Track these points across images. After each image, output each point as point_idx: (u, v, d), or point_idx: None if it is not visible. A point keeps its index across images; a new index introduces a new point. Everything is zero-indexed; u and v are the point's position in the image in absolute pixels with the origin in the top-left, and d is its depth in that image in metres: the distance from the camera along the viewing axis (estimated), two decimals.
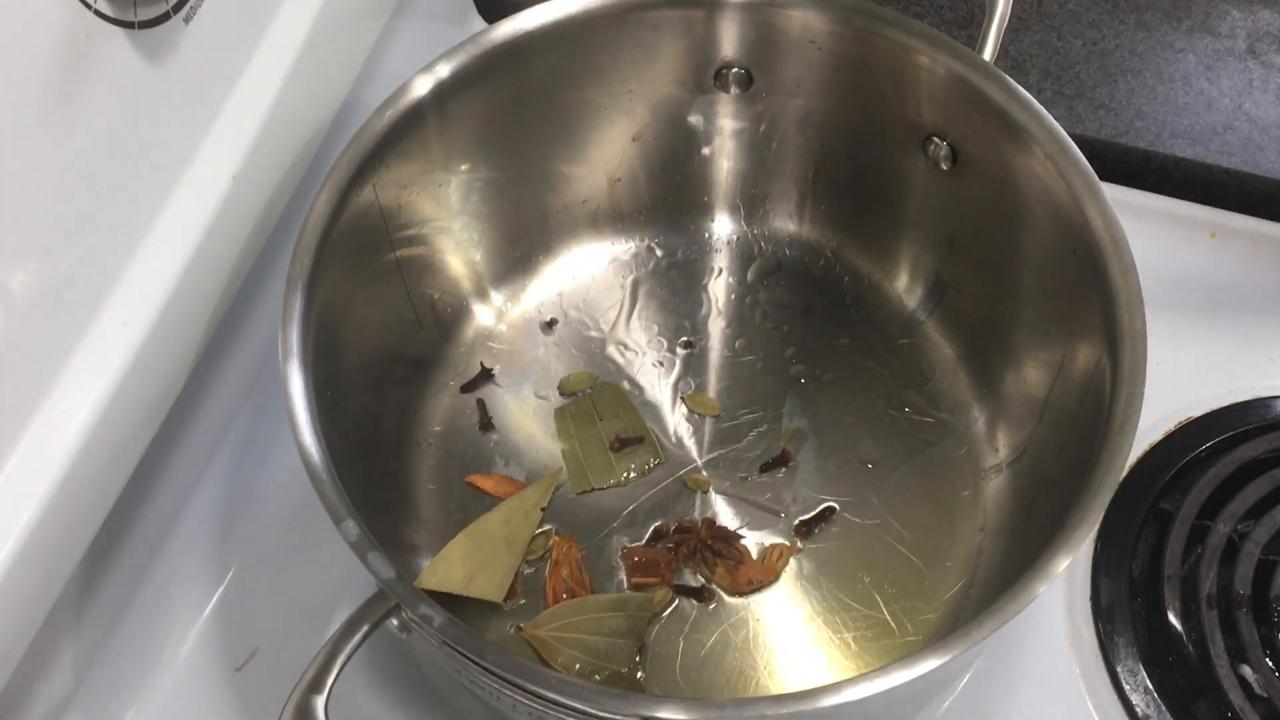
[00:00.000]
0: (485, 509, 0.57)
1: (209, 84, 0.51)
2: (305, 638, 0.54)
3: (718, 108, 0.62)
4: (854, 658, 0.54)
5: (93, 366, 0.46)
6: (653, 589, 0.55)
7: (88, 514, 0.49)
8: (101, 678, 0.55)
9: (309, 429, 0.46)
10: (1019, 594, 0.41)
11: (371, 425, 0.56)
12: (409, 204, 0.57)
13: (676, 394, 0.62)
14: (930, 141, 0.58)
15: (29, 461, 0.44)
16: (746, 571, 0.55)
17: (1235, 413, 0.62)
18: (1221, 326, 0.65)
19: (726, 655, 0.54)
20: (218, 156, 0.51)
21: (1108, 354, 0.47)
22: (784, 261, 0.66)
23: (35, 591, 0.47)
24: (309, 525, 0.58)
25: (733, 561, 0.56)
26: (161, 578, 0.58)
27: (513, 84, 0.57)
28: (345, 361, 0.53)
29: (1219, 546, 0.57)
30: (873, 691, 0.39)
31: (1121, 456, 0.44)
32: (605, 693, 0.40)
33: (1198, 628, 0.55)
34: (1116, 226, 0.49)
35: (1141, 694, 0.55)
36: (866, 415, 0.61)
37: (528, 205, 0.63)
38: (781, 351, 0.63)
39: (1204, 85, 0.72)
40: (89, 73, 0.43)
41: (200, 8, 0.48)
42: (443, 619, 0.41)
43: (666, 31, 0.58)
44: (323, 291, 0.49)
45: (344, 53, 0.61)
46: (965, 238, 0.60)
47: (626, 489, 0.59)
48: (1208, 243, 0.67)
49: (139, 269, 0.48)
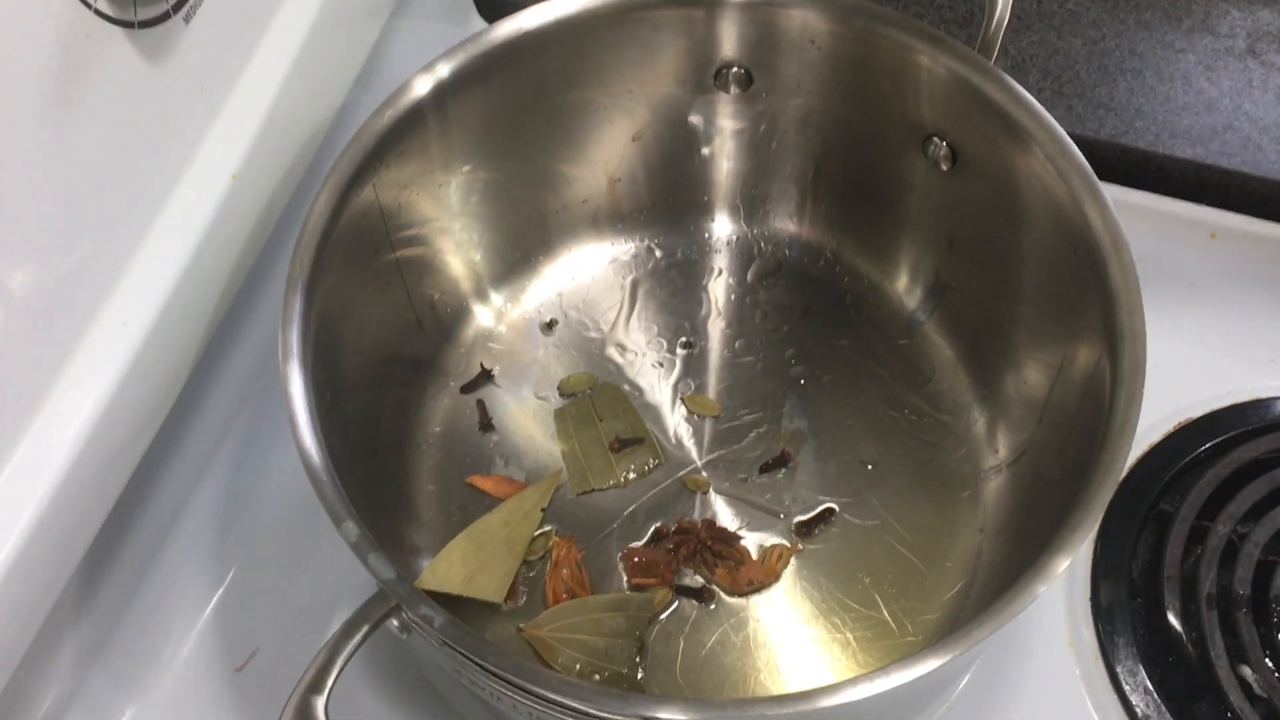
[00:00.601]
0: (485, 509, 0.57)
1: (209, 84, 0.51)
2: (305, 638, 0.54)
3: (718, 108, 0.62)
4: (854, 658, 0.54)
5: (93, 367, 0.46)
6: (653, 589, 0.55)
7: (88, 514, 0.49)
8: (101, 678, 0.55)
9: (309, 429, 0.46)
10: (1019, 594, 0.41)
11: (371, 426, 0.56)
12: (409, 204, 0.57)
13: (676, 395, 0.62)
14: (930, 141, 0.58)
15: (29, 461, 0.44)
16: (746, 572, 0.55)
17: (1235, 413, 0.62)
18: (1221, 326, 0.65)
19: (726, 655, 0.54)
20: (218, 156, 0.51)
21: (1108, 354, 0.47)
22: (784, 262, 0.66)
23: (35, 591, 0.47)
24: (309, 526, 0.58)
25: (733, 562, 0.56)
26: (161, 578, 0.58)
27: (513, 84, 0.57)
28: (345, 361, 0.53)
29: (1219, 547, 0.57)
30: (873, 691, 0.39)
31: (1121, 457, 0.44)
32: (605, 693, 0.40)
33: (1197, 628, 0.55)
34: (1116, 226, 0.49)
35: (1141, 694, 0.55)
36: (866, 416, 0.61)
37: (528, 205, 0.63)
38: (781, 352, 0.63)
39: (1204, 85, 0.72)
40: (89, 73, 0.43)
41: (200, 7, 0.48)
42: (443, 619, 0.41)
43: (666, 31, 0.58)
44: (323, 291, 0.49)
45: (344, 53, 0.61)
46: (965, 238, 0.60)
47: (626, 490, 0.59)
48: (1208, 243, 0.67)
49: (139, 269, 0.48)
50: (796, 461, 0.59)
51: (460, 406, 0.61)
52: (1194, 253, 0.67)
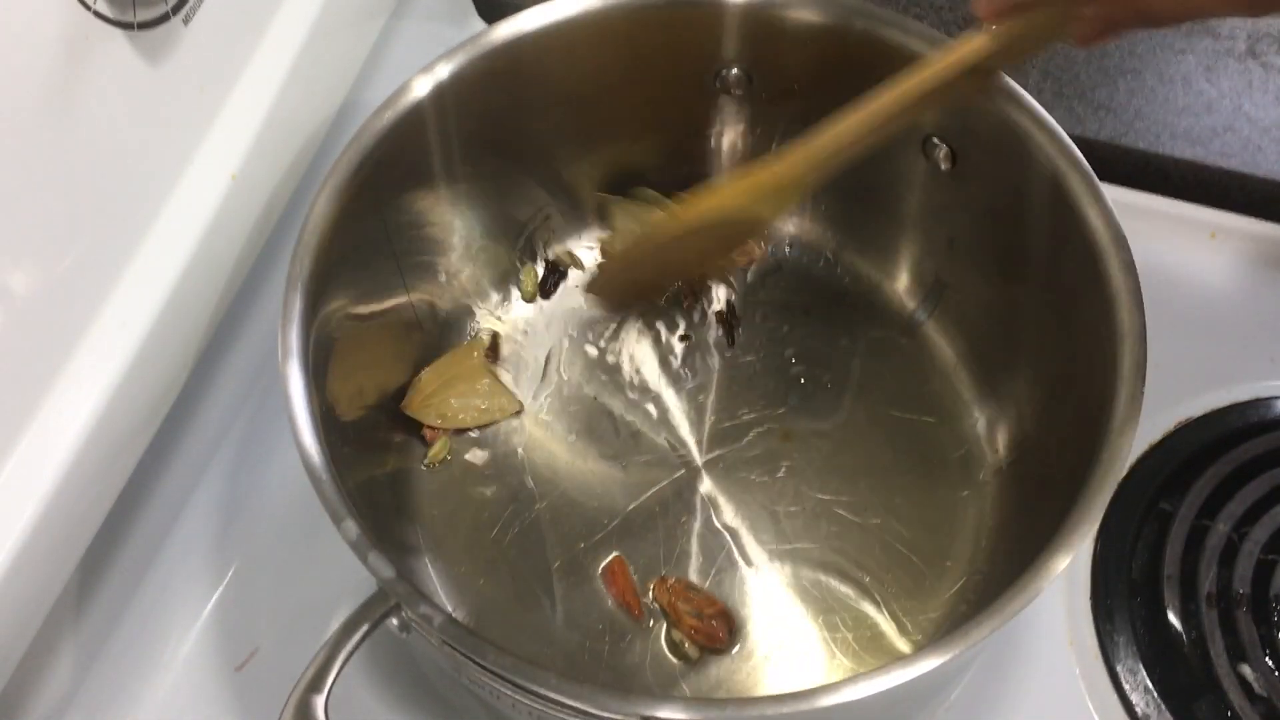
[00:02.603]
0: (486, 515, 0.57)
1: (209, 84, 0.51)
2: (305, 638, 0.54)
3: (718, 108, 0.62)
4: (854, 658, 0.54)
5: (93, 367, 0.46)
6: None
7: (88, 514, 0.49)
8: (101, 678, 0.55)
9: (309, 429, 0.46)
10: (1019, 594, 0.41)
11: (371, 426, 0.56)
12: (409, 204, 0.57)
13: (676, 394, 0.62)
14: (930, 142, 0.58)
15: (29, 461, 0.44)
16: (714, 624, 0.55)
17: (1235, 413, 0.62)
18: (1221, 326, 0.65)
19: (726, 655, 0.54)
20: (218, 156, 0.51)
21: (1108, 354, 0.47)
22: (784, 261, 0.66)
23: (35, 591, 0.47)
24: (309, 525, 0.58)
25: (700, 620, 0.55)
26: (161, 578, 0.58)
27: (512, 84, 0.57)
28: (345, 362, 0.53)
29: (1219, 546, 0.57)
30: (873, 691, 0.39)
31: (1121, 456, 0.44)
32: (605, 691, 0.40)
33: (1197, 627, 0.55)
34: (1116, 226, 0.49)
35: (1141, 694, 0.55)
36: (866, 416, 0.61)
37: (527, 205, 0.63)
38: (781, 352, 0.63)
39: (1204, 86, 0.72)
40: (89, 73, 0.43)
41: (200, 8, 0.48)
42: (442, 619, 0.41)
43: (666, 32, 0.58)
44: (323, 291, 0.49)
45: (344, 53, 0.61)
46: (965, 239, 0.60)
47: (626, 490, 0.59)
48: (1208, 243, 0.67)
49: (139, 269, 0.48)
50: (797, 461, 0.59)
51: None
52: (1194, 253, 0.67)
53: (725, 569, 0.56)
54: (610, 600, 0.56)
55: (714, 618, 0.54)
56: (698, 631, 0.54)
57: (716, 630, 0.54)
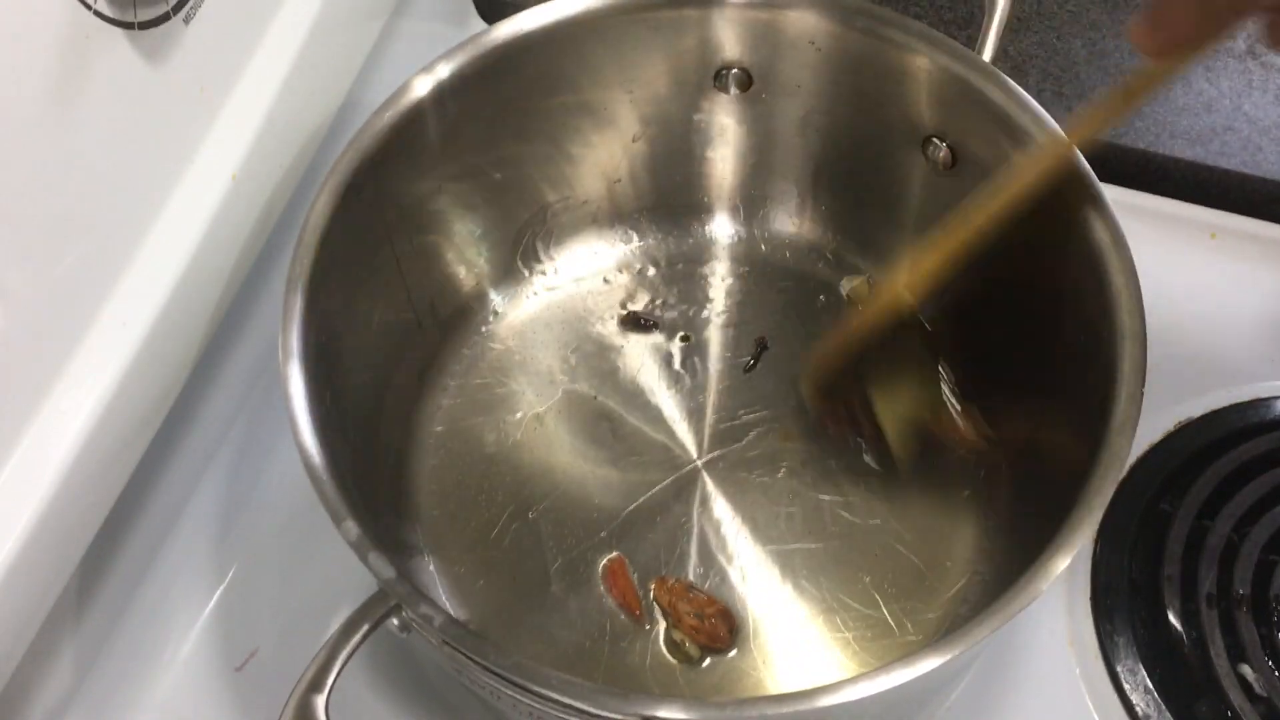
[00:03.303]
0: (486, 515, 0.57)
1: (209, 84, 0.51)
2: (305, 638, 0.54)
3: (718, 108, 0.62)
4: (854, 658, 0.54)
5: (93, 366, 0.46)
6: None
7: (88, 514, 0.49)
8: (101, 678, 0.55)
9: (309, 430, 0.46)
10: (1019, 594, 0.41)
11: (371, 426, 0.56)
12: (409, 204, 0.57)
13: (677, 395, 0.62)
14: (930, 143, 0.58)
15: (29, 461, 0.44)
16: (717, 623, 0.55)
17: (1235, 413, 0.62)
18: (1221, 326, 0.65)
19: (726, 655, 0.54)
20: (218, 156, 0.51)
21: (1108, 354, 0.47)
22: (784, 261, 0.66)
23: (35, 591, 0.47)
24: (309, 525, 0.58)
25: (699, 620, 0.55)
26: (161, 578, 0.58)
27: (512, 84, 0.57)
28: (345, 362, 0.53)
29: (1219, 546, 0.57)
30: (873, 691, 0.39)
31: (1121, 457, 0.44)
32: (605, 691, 0.40)
33: (1197, 627, 0.55)
34: (1116, 227, 0.49)
35: (1141, 694, 0.55)
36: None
37: (527, 205, 0.63)
38: (781, 352, 0.63)
39: (1203, 86, 0.72)
40: (89, 73, 0.43)
41: (200, 8, 0.48)
42: (443, 619, 0.41)
43: (666, 31, 0.58)
44: (323, 291, 0.49)
45: (344, 53, 0.61)
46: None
47: (626, 490, 0.59)
48: (1208, 243, 0.67)
49: (139, 269, 0.48)
50: (796, 461, 0.59)
51: (460, 406, 0.61)
52: (1194, 253, 0.67)
53: (725, 569, 0.56)
54: (610, 601, 0.56)
55: (714, 618, 0.54)
56: (698, 632, 0.54)
57: (717, 630, 0.54)
